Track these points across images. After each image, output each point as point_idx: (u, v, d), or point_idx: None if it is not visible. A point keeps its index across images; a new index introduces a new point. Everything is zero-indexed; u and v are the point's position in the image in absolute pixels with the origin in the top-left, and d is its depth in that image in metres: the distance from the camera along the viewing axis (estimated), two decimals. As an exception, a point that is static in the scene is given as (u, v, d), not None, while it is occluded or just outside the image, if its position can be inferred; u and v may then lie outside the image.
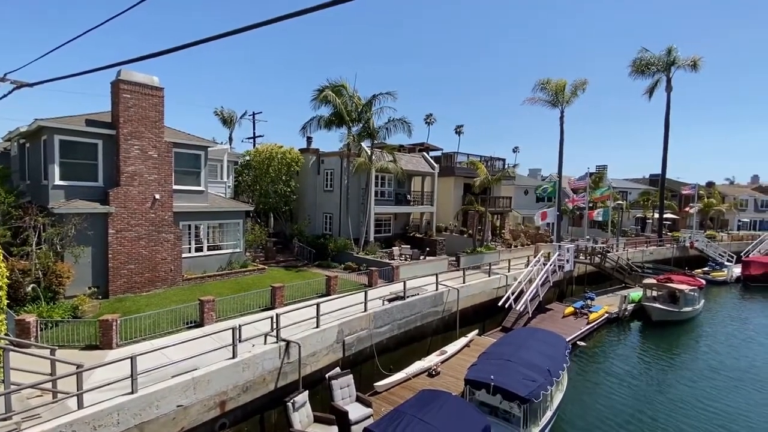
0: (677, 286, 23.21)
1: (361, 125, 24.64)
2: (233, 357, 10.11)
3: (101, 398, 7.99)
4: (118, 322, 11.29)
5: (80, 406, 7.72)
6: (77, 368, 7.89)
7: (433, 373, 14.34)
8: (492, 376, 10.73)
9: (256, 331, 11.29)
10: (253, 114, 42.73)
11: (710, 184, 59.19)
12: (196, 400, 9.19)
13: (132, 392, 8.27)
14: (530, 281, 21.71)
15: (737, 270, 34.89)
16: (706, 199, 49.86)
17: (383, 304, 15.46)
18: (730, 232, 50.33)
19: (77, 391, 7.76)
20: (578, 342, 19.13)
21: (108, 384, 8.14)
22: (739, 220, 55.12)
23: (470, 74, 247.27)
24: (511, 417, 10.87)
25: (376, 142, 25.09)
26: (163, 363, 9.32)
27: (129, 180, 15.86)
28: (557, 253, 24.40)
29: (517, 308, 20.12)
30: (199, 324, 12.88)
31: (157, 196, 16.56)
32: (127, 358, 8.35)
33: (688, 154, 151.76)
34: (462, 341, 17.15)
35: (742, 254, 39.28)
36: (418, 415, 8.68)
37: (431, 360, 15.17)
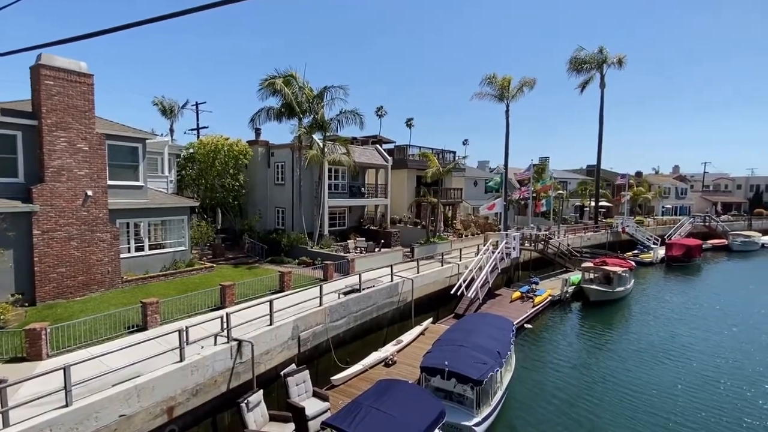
0: (611, 269, 25.15)
1: (312, 117, 24.18)
2: (181, 360, 9.64)
3: (31, 414, 7.31)
4: (48, 330, 10.35)
5: (5, 424, 7.02)
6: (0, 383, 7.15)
7: (390, 362, 14.56)
8: (446, 362, 11.09)
9: (205, 332, 10.83)
10: (196, 104, 40.55)
11: (639, 174, 64.48)
12: (140, 408, 8.68)
13: (66, 405, 7.64)
14: (480, 269, 22.58)
15: (662, 252, 38.44)
16: (636, 188, 54.25)
17: (339, 298, 15.42)
18: (655, 217, 55.32)
19: (1, 408, 7.05)
20: (525, 324, 20.23)
21: (38, 398, 7.46)
22: (663, 207, 60.63)
23: (420, 66, 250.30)
24: (464, 400, 11.32)
25: (328, 134, 24.77)
26: (102, 371, 8.68)
27: (55, 175, 14.48)
28: (505, 242, 25.55)
29: (469, 295, 20.88)
30: (143, 328, 12.13)
31: (90, 193, 15.28)
32: (60, 368, 7.70)
33: (620, 145, 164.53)
34: (417, 330, 17.54)
35: (665, 237, 43.34)
36: (375, 405, 8.78)
37: (388, 350, 15.37)
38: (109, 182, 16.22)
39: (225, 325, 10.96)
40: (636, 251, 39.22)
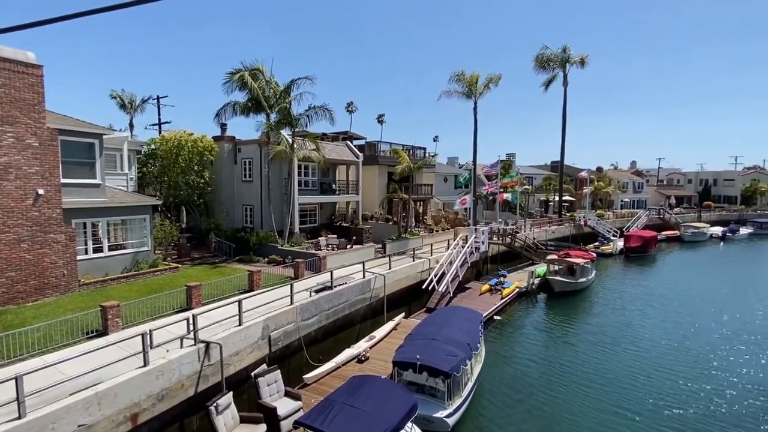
0: (574, 260, 26.20)
1: (280, 112, 23.71)
2: (145, 365, 9.27)
3: (-22, 429, 6.84)
4: (-4, 339, 9.70)
5: (-51, 441, 6.54)
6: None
7: (363, 358, 14.60)
8: (418, 356, 11.23)
9: (171, 335, 10.47)
10: (158, 98, 38.90)
11: (599, 170, 67.28)
12: (101, 416, 8.29)
13: (19, 417, 7.20)
14: (451, 263, 22.97)
15: (621, 243, 40.38)
16: (597, 183, 56.67)
17: (310, 296, 15.27)
18: (614, 210, 57.92)
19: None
20: (494, 316, 20.78)
21: (-14, 412, 6.99)
22: (622, 200, 63.61)
23: (390, 64, 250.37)
24: (436, 392, 11.52)
25: (297, 130, 24.38)
26: (58, 380, 8.22)
27: (2, 173, 13.52)
28: (474, 236, 26.10)
29: (440, 289, 21.21)
30: (103, 333, 11.57)
31: (41, 192, 14.38)
32: (11, 378, 7.24)
33: (583, 141, 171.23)
34: (389, 325, 17.66)
35: (624, 229, 45.55)
36: (348, 402, 8.80)
37: (360, 346, 15.40)
38: (63, 180, 15.32)
39: (192, 327, 10.64)
40: (597, 243, 41.03)
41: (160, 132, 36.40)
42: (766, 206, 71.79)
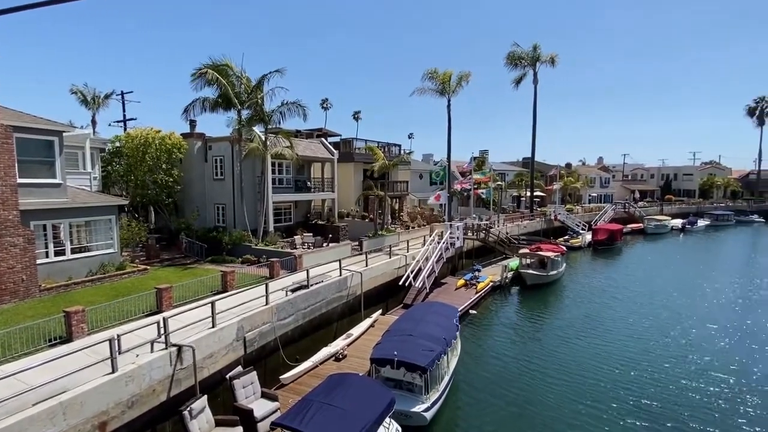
0: (545, 254, 26.98)
1: (252, 108, 23.23)
2: (113, 371, 8.95)
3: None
4: (-51, 350, 9.12)
5: None
6: None
7: (341, 356, 14.57)
8: (395, 352, 11.31)
9: (141, 339, 10.13)
10: (122, 93, 37.35)
11: (569, 165, 69.46)
12: (67, 426, 7.95)
13: (-24, 432, 6.82)
14: (427, 259, 23.21)
15: (589, 236, 41.89)
16: (566, 178, 58.46)
17: (286, 295, 15.10)
18: (583, 205, 60.02)
19: None
20: (470, 310, 21.16)
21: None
22: (590, 195, 65.95)
23: (366, 60, 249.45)
24: (414, 387, 11.64)
25: (270, 127, 23.96)
26: (19, 390, 7.82)
27: (-50, 173, 12.68)
28: (449, 232, 26.45)
29: (416, 285, 21.41)
30: (67, 339, 11.08)
31: (-5, 193, 13.57)
32: (-35, 392, 6.83)
33: (552, 138, 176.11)
34: (367, 322, 17.69)
35: (592, 223, 47.23)
36: (326, 401, 8.78)
37: (338, 344, 15.36)
38: (20, 180, 14.52)
39: (162, 331, 10.33)
40: (567, 237, 42.37)
41: (125, 129, 34.98)
42: (722, 199, 76.16)
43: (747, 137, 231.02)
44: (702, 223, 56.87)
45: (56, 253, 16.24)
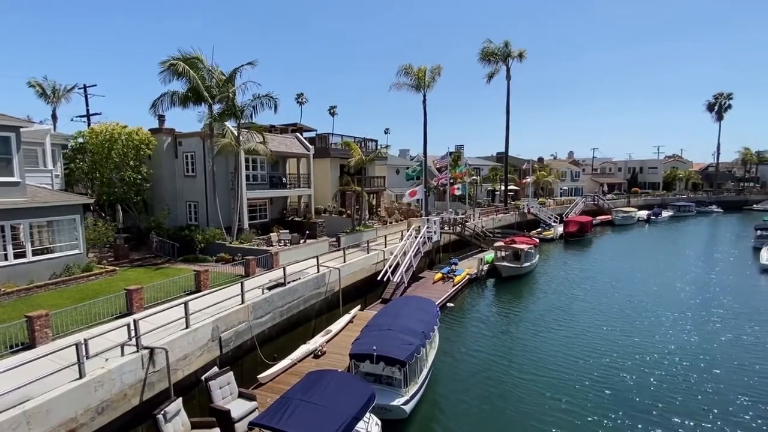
0: (519, 246, 27.60)
1: (223, 103, 22.62)
2: (81, 377, 8.60)
3: None
4: None
5: None
6: None
7: (319, 353, 14.49)
8: (374, 347, 11.34)
9: (111, 343, 9.77)
10: (84, 87, 35.58)
11: (541, 160, 71.16)
12: (32, 436, 7.60)
13: (-70, 447, 6.42)
14: (405, 254, 23.34)
15: (560, 229, 43.12)
16: (539, 172, 59.88)
17: (263, 293, 14.88)
18: (555, 198, 61.67)
19: None
20: (447, 303, 21.44)
21: None
22: (561, 188, 67.82)
23: (341, 54, 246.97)
24: (393, 381, 11.72)
25: (243, 121, 23.40)
26: (-24, 402, 7.42)
27: None
28: (426, 226, 26.67)
29: (395, 280, 21.50)
30: (30, 345, 10.56)
31: (-54, 192, 12.74)
32: None
33: (525, 132, 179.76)
34: (346, 318, 17.65)
35: (563, 215, 48.62)
36: (305, 398, 8.72)
37: (317, 341, 15.27)
38: (-27, 179, 13.68)
39: (133, 333, 10.00)
40: (540, 229, 43.47)
41: (89, 124, 33.39)
42: (684, 191, 79.91)
43: (708, 131, 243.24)
44: (666, 214, 59.53)
45: (16, 256, 15.42)
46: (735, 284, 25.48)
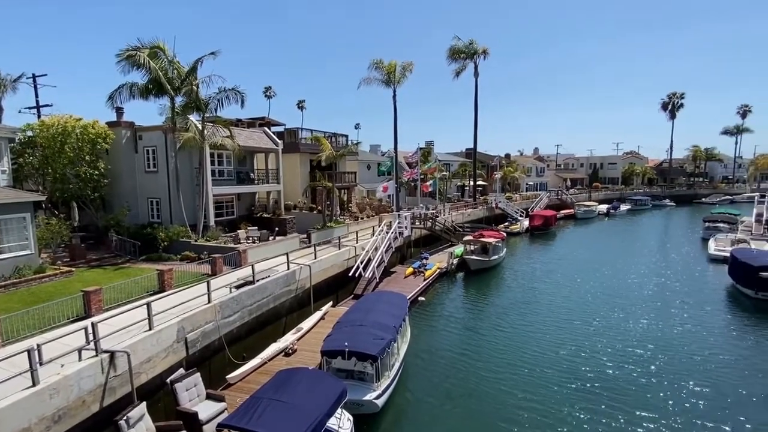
0: (487, 240, 28.27)
1: (186, 95, 21.78)
2: (33, 385, 8.13)
3: None
4: None
5: None
6: None
7: (290, 351, 14.34)
8: (346, 343, 11.34)
9: (67, 348, 9.27)
10: (33, 76, 33.28)
11: (508, 156, 72.95)
12: (-20, 449, 7.13)
13: None
14: (376, 249, 23.39)
15: (526, 222, 44.48)
16: (506, 168, 61.40)
17: (231, 292, 14.53)
18: (521, 193, 63.48)
19: None
20: (419, 297, 21.69)
21: None
22: (527, 184, 69.89)
23: (312, 49, 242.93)
24: (365, 375, 11.77)
25: (208, 115, 22.61)
26: None
27: None
28: (397, 222, 26.82)
29: (366, 275, 21.53)
30: (-25, 353, 9.86)
31: None
32: None
33: (493, 129, 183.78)
34: (317, 315, 17.54)
35: (529, 210, 50.14)
36: (275, 397, 8.62)
37: (287, 339, 15.09)
38: None
39: (92, 337, 9.53)
40: (507, 223, 44.67)
41: (39, 117, 31.32)
42: (640, 186, 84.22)
43: (662, 128, 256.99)
44: (624, 207, 62.58)
45: (-43, 258, 14.33)
46: (686, 273, 27.19)
